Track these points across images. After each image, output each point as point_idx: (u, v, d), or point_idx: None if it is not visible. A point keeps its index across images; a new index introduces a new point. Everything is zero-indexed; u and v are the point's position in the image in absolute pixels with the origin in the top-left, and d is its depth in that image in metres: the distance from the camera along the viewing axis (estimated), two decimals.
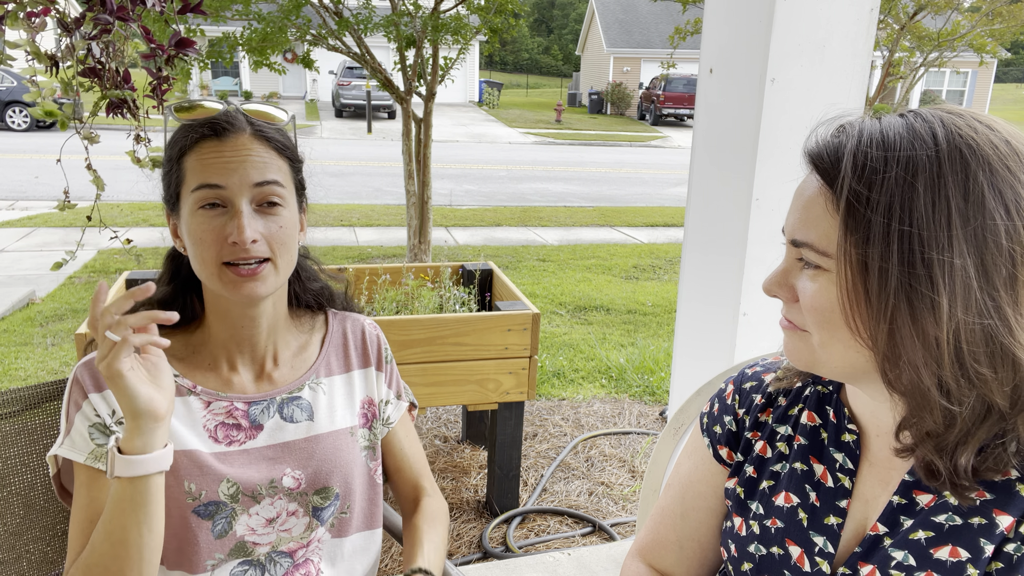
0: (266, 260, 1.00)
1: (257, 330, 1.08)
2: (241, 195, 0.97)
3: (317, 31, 5.06)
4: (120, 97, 1.78)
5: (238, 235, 0.96)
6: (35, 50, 1.64)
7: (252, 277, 0.98)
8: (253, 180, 0.98)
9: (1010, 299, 0.66)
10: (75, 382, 1.02)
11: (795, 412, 0.90)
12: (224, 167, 0.97)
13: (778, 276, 0.78)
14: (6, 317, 5.05)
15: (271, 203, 1.00)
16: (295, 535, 1.08)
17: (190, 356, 1.08)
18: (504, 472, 2.72)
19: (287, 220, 1.02)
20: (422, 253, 5.71)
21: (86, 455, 0.99)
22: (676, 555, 1.00)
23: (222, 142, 0.99)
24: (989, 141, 0.67)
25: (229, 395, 1.07)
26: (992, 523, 0.72)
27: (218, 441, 1.05)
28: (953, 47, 7.71)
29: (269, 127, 1.03)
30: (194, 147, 0.99)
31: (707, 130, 2.09)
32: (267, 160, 1.00)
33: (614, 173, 14.63)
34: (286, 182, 1.03)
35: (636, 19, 31.76)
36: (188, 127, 1.01)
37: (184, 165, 1.00)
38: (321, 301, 1.20)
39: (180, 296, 1.10)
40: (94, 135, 1.91)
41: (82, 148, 1.94)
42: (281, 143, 1.04)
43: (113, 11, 1.61)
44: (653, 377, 4.24)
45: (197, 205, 0.98)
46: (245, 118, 1.02)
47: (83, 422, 1.00)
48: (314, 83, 26.55)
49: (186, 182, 1.00)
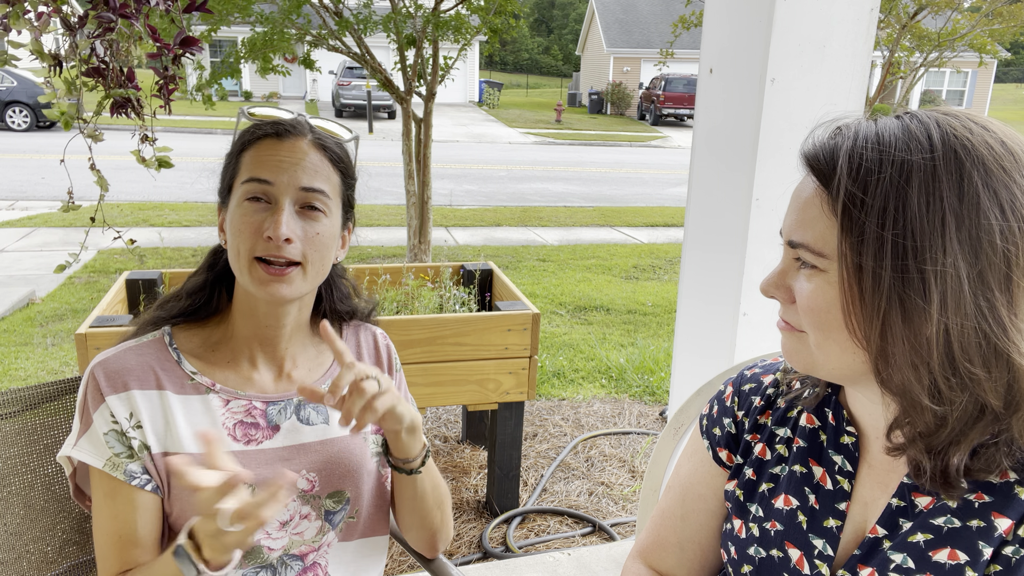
0: (297, 264, 1.01)
1: (281, 331, 1.09)
2: (286, 194, 1.00)
3: (317, 31, 5.06)
4: (124, 96, 1.78)
5: (274, 230, 0.97)
6: (38, 49, 1.64)
7: (280, 277, 1.00)
8: (301, 183, 1.01)
9: (1005, 300, 0.66)
10: (92, 380, 1.01)
11: (794, 414, 0.90)
12: (277, 165, 1.00)
13: (775, 277, 0.79)
14: (6, 317, 5.05)
15: (313, 207, 1.02)
16: (307, 538, 1.08)
17: (209, 353, 1.09)
18: (504, 472, 2.72)
19: (325, 229, 1.03)
20: (422, 253, 5.71)
21: (103, 461, 0.99)
22: (677, 557, 1.00)
23: (281, 142, 1.02)
24: (984, 142, 0.68)
25: (248, 394, 1.07)
26: (991, 526, 0.72)
27: (237, 439, 1.05)
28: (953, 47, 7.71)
29: (329, 138, 1.07)
30: (254, 144, 1.03)
31: (707, 130, 2.09)
32: (319, 168, 1.03)
33: (614, 173, 14.63)
34: (333, 194, 1.05)
35: (636, 19, 31.76)
36: (254, 126, 1.05)
37: (241, 159, 1.04)
38: (343, 318, 1.22)
39: (210, 286, 1.11)
40: (98, 133, 1.92)
41: (83, 149, 1.94)
42: (337, 155, 1.07)
43: (116, 9, 1.61)
44: (653, 377, 4.24)
45: (244, 197, 1.01)
46: (309, 127, 1.06)
47: (101, 425, 1.00)
48: (314, 83, 26.55)
49: (239, 174, 1.03)
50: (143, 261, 5.89)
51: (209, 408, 1.05)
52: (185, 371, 1.05)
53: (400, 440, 1.05)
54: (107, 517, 0.99)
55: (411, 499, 1.14)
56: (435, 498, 1.16)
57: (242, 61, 5.05)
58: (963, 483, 0.72)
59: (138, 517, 0.99)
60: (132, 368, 1.02)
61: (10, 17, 1.58)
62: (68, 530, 1.22)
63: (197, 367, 1.06)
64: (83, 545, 1.24)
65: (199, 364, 1.07)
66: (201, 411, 1.04)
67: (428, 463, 1.12)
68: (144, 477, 1.00)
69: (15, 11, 1.58)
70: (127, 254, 6.73)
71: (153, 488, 1.00)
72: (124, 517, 0.99)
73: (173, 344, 1.07)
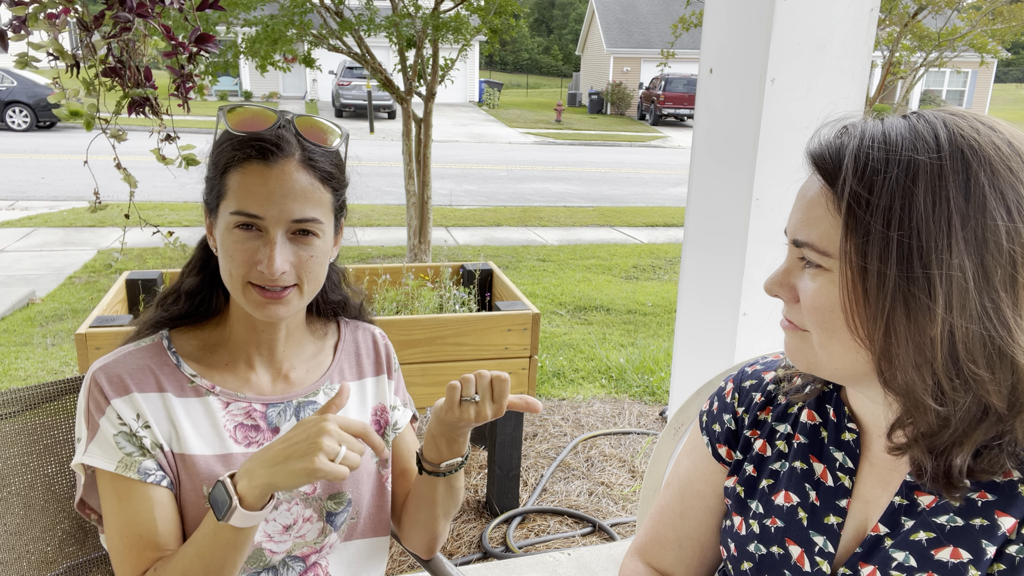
0: (293, 286, 1.00)
1: (277, 335, 1.08)
2: (278, 227, 0.96)
3: (318, 31, 5.06)
4: (142, 96, 1.78)
5: (267, 267, 0.95)
6: (59, 49, 1.63)
7: (276, 300, 0.99)
8: (293, 216, 0.96)
9: (1010, 300, 0.66)
10: (94, 385, 1.00)
11: (794, 410, 0.90)
12: (266, 198, 0.95)
13: (779, 276, 0.79)
14: (6, 317, 5.05)
15: (306, 232, 0.99)
16: (309, 540, 1.08)
17: (207, 355, 1.08)
18: (504, 472, 2.72)
19: (320, 250, 1.01)
20: (422, 253, 5.71)
21: (115, 463, 0.98)
22: (675, 554, 1.00)
23: (268, 167, 0.96)
24: (991, 142, 0.67)
25: (247, 396, 1.07)
26: (994, 524, 0.72)
27: (238, 442, 1.05)
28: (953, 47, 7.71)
29: (318, 151, 1.00)
30: (239, 166, 0.97)
31: (707, 130, 2.09)
32: (309, 195, 0.98)
33: (614, 173, 14.63)
34: (324, 215, 1.00)
35: (636, 19, 31.76)
36: (237, 141, 0.97)
37: (227, 181, 0.98)
38: (337, 311, 1.21)
39: (207, 287, 1.10)
40: (122, 133, 1.92)
41: (83, 149, 1.95)
42: (327, 173, 1.01)
43: (132, 8, 1.61)
44: (653, 377, 4.24)
45: (233, 224, 0.97)
46: (296, 137, 0.99)
47: (109, 428, 0.99)
48: (314, 83, 26.55)
49: (226, 200, 0.98)
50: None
51: (210, 410, 1.04)
52: (184, 374, 1.05)
53: (459, 438, 1.07)
54: (123, 521, 0.97)
55: (430, 500, 1.14)
56: (456, 501, 1.17)
57: (241, 56, 5.03)
58: (966, 483, 0.72)
59: (156, 514, 0.98)
60: (132, 372, 1.02)
61: (29, 19, 1.57)
62: (68, 530, 1.21)
63: (196, 370, 1.06)
64: (83, 545, 1.23)
65: (198, 367, 1.07)
66: (202, 413, 1.04)
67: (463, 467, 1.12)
68: (159, 473, 0.99)
69: (33, 13, 1.57)
70: (127, 254, 6.73)
71: (168, 484, 0.99)
72: (142, 516, 0.97)
73: (172, 347, 1.07)
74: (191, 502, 1.01)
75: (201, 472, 1.01)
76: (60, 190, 9.61)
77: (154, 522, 0.97)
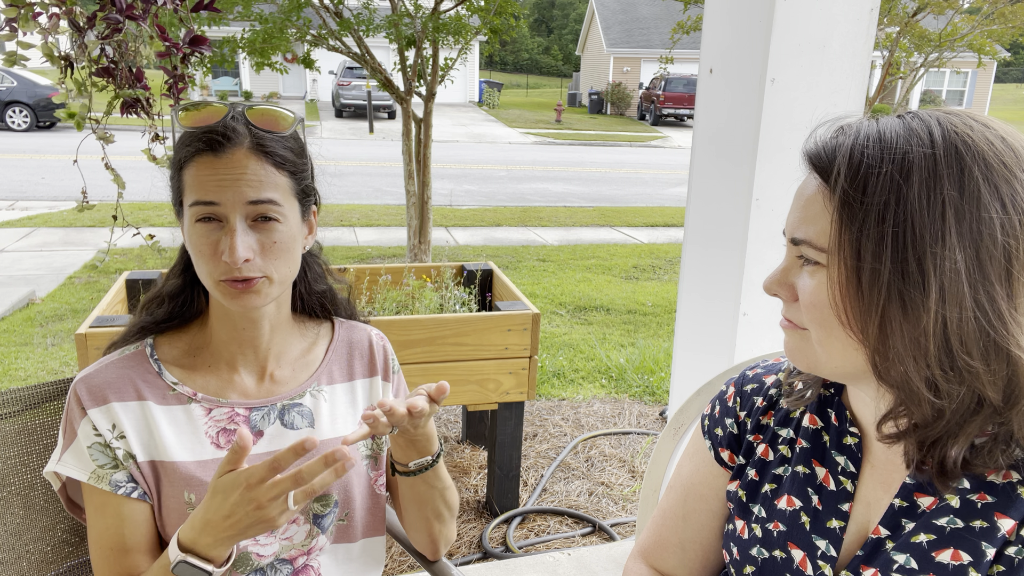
0: (262, 277, 0.99)
1: (259, 331, 1.08)
2: (235, 212, 0.96)
3: (318, 31, 5.06)
4: (134, 96, 1.79)
5: (230, 255, 0.95)
6: (48, 51, 1.64)
7: (248, 289, 0.98)
8: (247, 198, 0.96)
9: (1005, 293, 0.66)
10: (73, 396, 1.02)
11: (796, 415, 0.90)
12: (219, 184, 0.95)
13: (778, 275, 0.79)
14: (6, 317, 5.05)
15: (266, 217, 0.98)
16: (296, 543, 1.08)
17: (191, 360, 1.08)
18: (504, 472, 2.72)
19: (283, 234, 1.00)
20: (422, 253, 5.71)
21: (88, 474, 0.99)
22: (678, 557, 1.00)
23: (218, 158, 0.96)
24: (985, 138, 0.68)
25: (231, 400, 1.07)
26: (994, 526, 0.72)
27: (220, 447, 1.04)
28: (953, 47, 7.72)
29: (269, 137, 0.99)
30: (192, 160, 0.97)
31: (707, 130, 2.09)
32: (263, 177, 0.97)
33: (614, 173, 14.63)
34: (283, 198, 1.00)
35: (636, 19, 31.76)
36: (188, 137, 0.99)
37: (183, 177, 0.99)
38: (325, 305, 1.19)
39: (188, 288, 1.10)
40: (109, 135, 1.92)
41: (88, 149, 1.95)
42: (280, 157, 1.00)
43: (123, 10, 1.61)
44: (653, 377, 4.24)
45: (195, 218, 0.97)
46: (247, 126, 0.99)
47: (84, 439, 1.00)
48: (314, 83, 26.56)
49: (185, 194, 0.99)
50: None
51: (191, 418, 1.04)
52: (166, 382, 1.05)
53: (418, 442, 1.06)
54: (99, 529, 1.00)
55: (415, 501, 1.14)
56: (445, 500, 1.16)
57: (239, 52, 5.02)
58: (959, 475, 0.72)
59: (126, 527, 0.99)
60: (112, 382, 1.02)
61: (19, 20, 1.58)
62: (67, 530, 1.21)
63: (178, 376, 1.06)
64: (82, 545, 1.23)
65: (180, 373, 1.06)
66: (184, 420, 1.04)
67: (437, 465, 1.11)
68: (130, 485, 1.00)
69: (24, 14, 1.58)
70: (127, 254, 6.73)
71: (140, 495, 1.00)
72: (114, 528, 0.99)
73: (155, 355, 1.06)
74: (172, 508, 1.01)
75: (182, 478, 1.01)
76: (60, 190, 9.61)
77: (123, 534, 0.99)
